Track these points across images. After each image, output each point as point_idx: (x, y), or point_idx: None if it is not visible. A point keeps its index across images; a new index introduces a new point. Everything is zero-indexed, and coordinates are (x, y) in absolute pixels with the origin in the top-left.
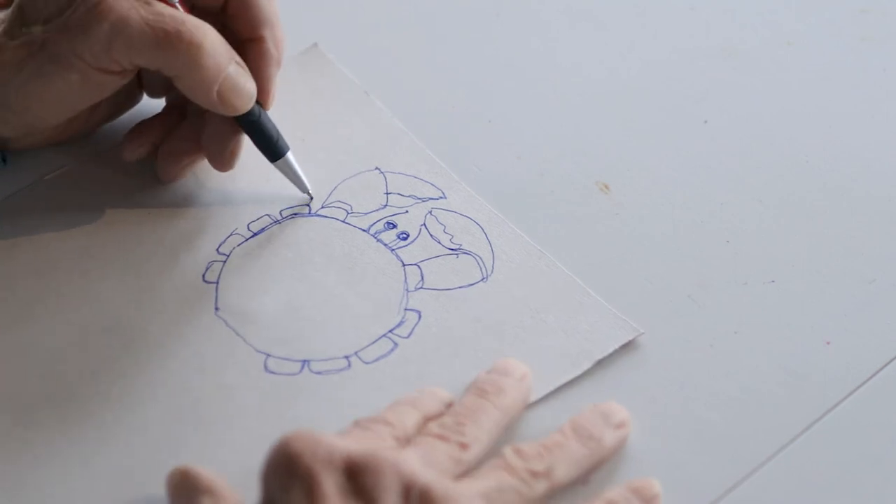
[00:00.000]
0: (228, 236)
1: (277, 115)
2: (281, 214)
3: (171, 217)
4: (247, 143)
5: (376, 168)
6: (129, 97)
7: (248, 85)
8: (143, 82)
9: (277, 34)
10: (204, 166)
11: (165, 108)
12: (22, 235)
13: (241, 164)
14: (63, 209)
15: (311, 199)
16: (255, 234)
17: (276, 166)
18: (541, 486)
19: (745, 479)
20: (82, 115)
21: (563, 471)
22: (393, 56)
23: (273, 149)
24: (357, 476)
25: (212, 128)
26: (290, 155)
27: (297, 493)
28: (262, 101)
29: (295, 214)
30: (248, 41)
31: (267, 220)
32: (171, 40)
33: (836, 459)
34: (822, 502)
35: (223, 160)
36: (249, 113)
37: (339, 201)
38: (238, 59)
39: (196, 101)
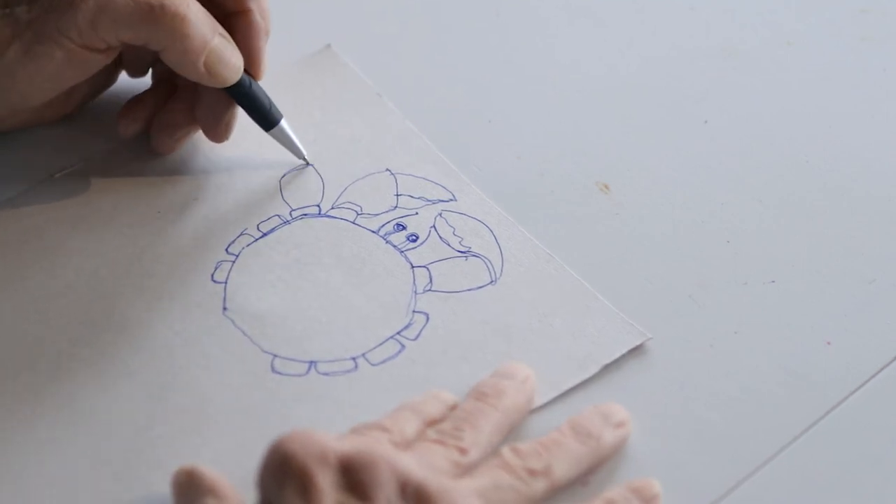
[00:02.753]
0: (238, 236)
1: (289, 115)
2: (291, 215)
3: (180, 217)
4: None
5: (387, 170)
6: (107, 77)
7: (235, 56)
8: (122, 61)
9: (263, 5)
10: (208, 166)
11: (154, 83)
12: (31, 233)
13: (245, 163)
14: (72, 207)
15: (308, 164)
16: (265, 235)
17: (272, 135)
18: (539, 485)
19: (745, 479)
20: (61, 97)
21: (562, 469)
22: (392, 56)
23: (267, 118)
24: (352, 472)
25: (206, 100)
26: (284, 122)
27: (292, 490)
28: (253, 72)
29: (305, 215)
30: (235, 14)
31: (277, 221)
32: (155, 14)
33: (836, 459)
34: (821, 502)
35: (218, 132)
36: (240, 84)
37: (349, 202)
38: (222, 31)
39: (184, 75)
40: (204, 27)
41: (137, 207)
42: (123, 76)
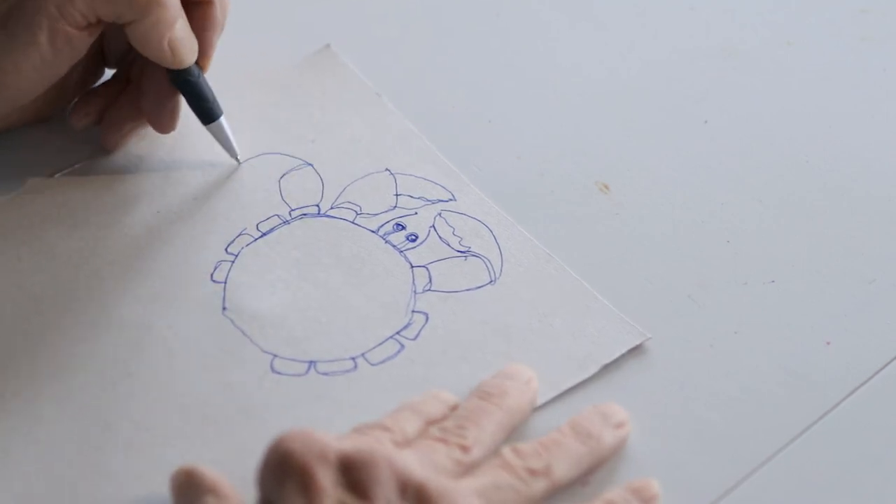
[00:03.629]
0: (237, 236)
1: (289, 115)
2: (290, 215)
3: (179, 216)
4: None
5: (386, 169)
6: (93, 72)
7: (194, 40)
8: (105, 51)
9: (224, 0)
10: (207, 166)
11: (111, 79)
12: (31, 233)
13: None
14: (72, 207)
15: (239, 164)
16: (264, 235)
17: (209, 129)
18: (539, 485)
19: (745, 479)
20: (51, 93)
21: (563, 469)
22: (392, 56)
23: (208, 111)
24: (352, 471)
25: (151, 90)
26: (223, 119)
27: (292, 488)
28: (202, 63)
29: (304, 215)
30: (195, 4)
31: (276, 221)
32: None
33: (836, 459)
34: (822, 502)
35: (163, 121)
36: (189, 72)
37: (349, 202)
38: (184, 16)
39: (146, 51)
40: (174, 5)
41: (137, 207)
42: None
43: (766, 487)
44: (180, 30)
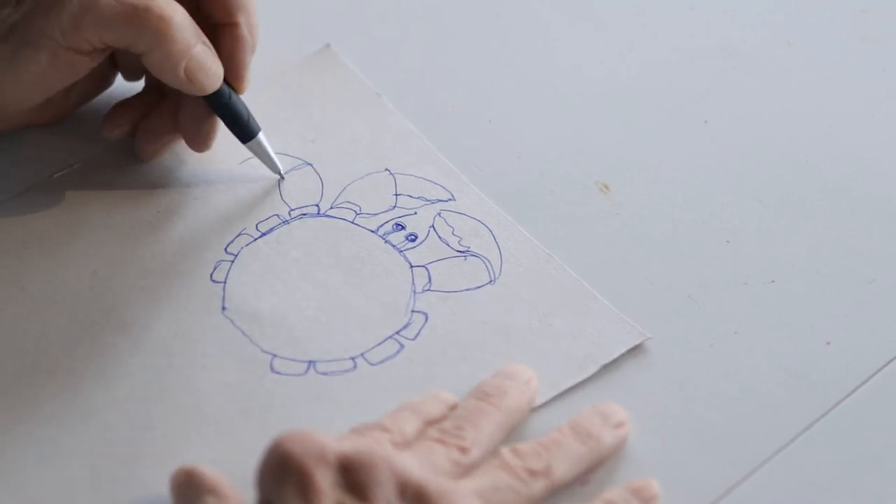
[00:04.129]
0: (237, 236)
1: (288, 115)
2: (290, 215)
3: (179, 216)
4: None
5: (386, 169)
6: (102, 79)
7: (215, 65)
8: (118, 64)
9: (252, 20)
10: (207, 166)
11: (145, 88)
12: (31, 233)
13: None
14: (72, 207)
15: (283, 179)
16: (264, 234)
17: (248, 147)
18: (539, 485)
19: (745, 479)
20: (57, 98)
21: (562, 469)
22: (392, 56)
23: (244, 130)
24: (351, 472)
25: (187, 108)
26: (261, 136)
27: (291, 489)
28: (235, 85)
29: (304, 215)
30: (222, 26)
31: (276, 221)
32: (139, 15)
33: (836, 459)
34: (822, 502)
35: (198, 141)
36: (219, 94)
37: (348, 202)
38: (205, 39)
39: (164, 80)
40: (187, 33)
41: (136, 207)
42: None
43: (766, 487)
44: (197, 57)
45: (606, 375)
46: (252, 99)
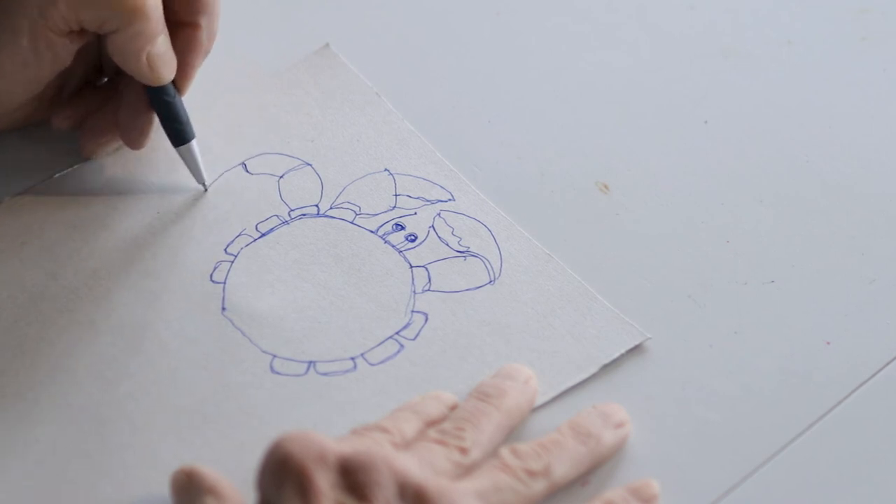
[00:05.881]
0: (237, 236)
1: (288, 115)
2: (289, 215)
3: (179, 217)
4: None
5: (385, 170)
6: (91, 82)
7: (172, 59)
8: (103, 64)
9: (213, 25)
10: (207, 167)
11: (100, 86)
12: (31, 233)
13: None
14: (72, 208)
15: (206, 189)
16: (264, 235)
17: (179, 151)
18: (539, 486)
19: (745, 479)
20: (46, 97)
21: (562, 469)
22: (391, 56)
23: (180, 133)
24: (351, 473)
25: (127, 104)
26: (194, 143)
27: (291, 490)
28: (180, 85)
29: (303, 215)
30: (182, 25)
31: (275, 221)
32: None
33: (836, 459)
34: (821, 502)
35: (133, 137)
36: (165, 92)
37: (348, 202)
38: (167, 33)
39: (124, 64)
40: (157, 20)
41: (136, 208)
42: None
43: (766, 487)
44: (160, 46)
45: (606, 375)
46: (252, 99)
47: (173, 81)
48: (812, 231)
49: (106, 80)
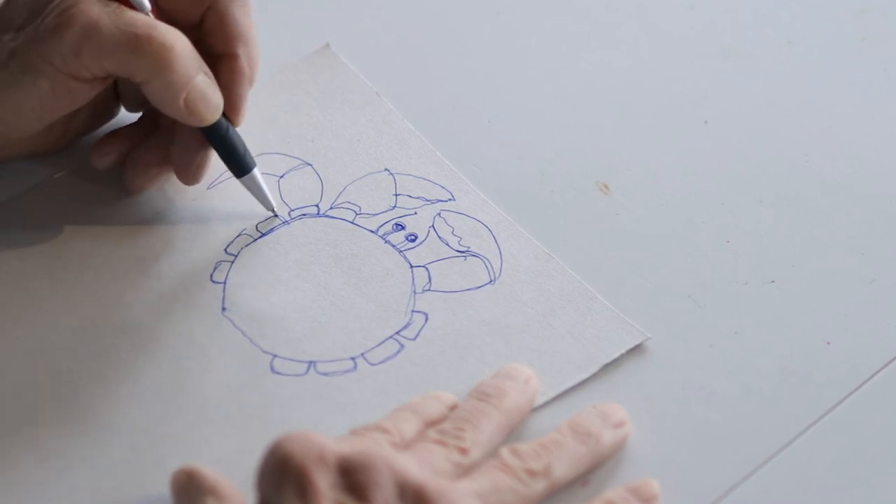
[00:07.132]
0: (237, 236)
1: (287, 115)
2: (290, 215)
3: (179, 217)
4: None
5: (385, 169)
6: (105, 110)
7: (216, 96)
8: (120, 95)
9: (252, 52)
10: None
11: (139, 120)
12: (32, 234)
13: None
14: (72, 209)
15: (276, 216)
16: (264, 235)
17: (242, 182)
18: (539, 486)
19: (745, 479)
20: (58, 127)
21: (562, 469)
22: (391, 55)
23: (239, 164)
24: (350, 473)
25: (181, 140)
26: (256, 171)
27: (290, 491)
28: (231, 117)
29: (303, 215)
30: (221, 57)
31: (275, 221)
32: (141, 44)
33: (836, 459)
34: (821, 502)
35: (189, 173)
36: (217, 126)
37: (348, 202)
38: (207, 70)
39: (163, 110)
40: (189, 62)
41: (137, 208)
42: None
43: (766, 487)
44: (197, 88)
45: (606, 375)
46: (252, 99)
47: (224, 114)
48: (812, 231)
49: (141, 113)
